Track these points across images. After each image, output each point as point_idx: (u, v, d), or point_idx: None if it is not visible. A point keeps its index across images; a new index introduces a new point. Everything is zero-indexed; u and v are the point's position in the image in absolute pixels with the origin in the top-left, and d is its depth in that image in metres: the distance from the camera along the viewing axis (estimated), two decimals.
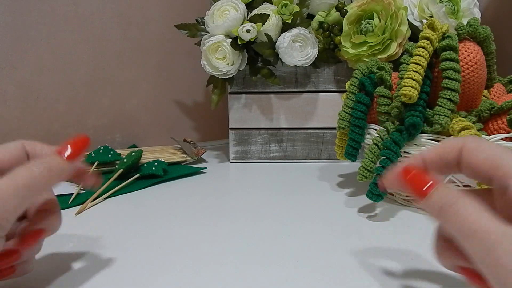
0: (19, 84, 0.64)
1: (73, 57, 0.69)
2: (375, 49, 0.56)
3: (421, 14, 0.57)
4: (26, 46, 0.64)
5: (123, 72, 0.76)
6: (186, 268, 0.33)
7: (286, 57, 0.60)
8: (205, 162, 0.71)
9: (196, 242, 0.38)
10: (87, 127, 0.73)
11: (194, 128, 0.88)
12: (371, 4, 0.56)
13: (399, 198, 0.48)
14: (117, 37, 0.74)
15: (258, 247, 0.37)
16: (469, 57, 0.43)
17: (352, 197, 0.50)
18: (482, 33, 0.45)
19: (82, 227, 0.42)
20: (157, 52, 0.80)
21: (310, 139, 0.68)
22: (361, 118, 0.47)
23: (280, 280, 0.31)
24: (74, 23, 0.69)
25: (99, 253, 0.36)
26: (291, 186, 0.55)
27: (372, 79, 0.48)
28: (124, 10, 0.74)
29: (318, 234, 0.39)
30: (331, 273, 0.32)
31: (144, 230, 0.41)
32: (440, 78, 0.43)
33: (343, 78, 0.65)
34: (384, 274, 0.32)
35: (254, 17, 0.60)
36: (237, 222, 0.43)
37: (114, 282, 0.31)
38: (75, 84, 0.70)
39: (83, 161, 0.59)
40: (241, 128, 0.69)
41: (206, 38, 0.62)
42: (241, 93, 0.68)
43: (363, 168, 0.43)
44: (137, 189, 0.54)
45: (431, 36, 0.43)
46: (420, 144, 0.42)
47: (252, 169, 0.65)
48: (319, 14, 0.64)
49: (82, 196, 0.50)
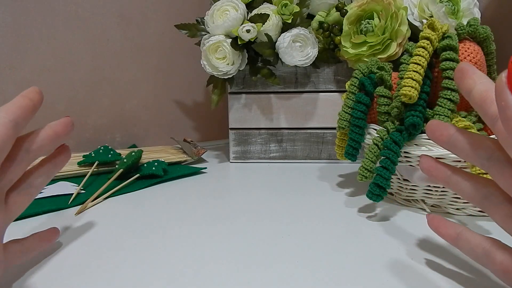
0: (19, 84, 0.64)
1: (73, 57, 0.69)
2: (375, 49, 0.56)
3: (421, 14, 0.57)
4: (26, 46, 0.64)
5: (123, 72, 0.76)
6: (186, 268, 0.33)
7: (286, 57, 0.60)
8: (205, 162, 0.71)
9: (196, 242, 0.38)
10: (87, 127, 0.73)
11: (194, 128, 0.88)
12: (371, 4, 0.56)
13: (399, 198, 0.48)
14: (117, 37, 0.74)
15: (258, 247, 0.37)
16: (469, 57, 0.43)
17: (352, 197, 0.50)
18: (482, 33, 0.45)
19: (82, 227, 0.42)
20: (157, 52, 0.80)
21: (310, 139, 0.68)
22: (361, 118, 0.47)
23: (280, 280, 0.31)
24: (74, 23, 0.69)
25: (99, 253, 0.36)
26: (291, 186, 0.55)
27: (372, 79, 0.48)
28: (124, 10, 0.74)
29: (318, 234, 0.39)
30: (331, 273, 0.32)
31: (144, 230, 0.41)
32: (440, 78, 0.43)
33: (343, 78, 0.65)
34: (384, 274, 0.32)
35: (254, 17, 0.60)
36: (237, 222, 0.43)
37: (114, 282, 0.31)
38: (75, 84, 0.70)
39: (81, 160, 0.59)
40: (241, 128, 0.69)
41: (206, 38, 0.62)
42: (241, 93, 0.68)
43: (363, 168, 0.43)
44: (137, 189, 0.54)
45: (431, 36, 0.43)
46: (420, 144, 0.42)
47: (252, 169, 0.65)
48: (319, 14, 0.64)
49: (82, 196, 0.50)
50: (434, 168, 0.29)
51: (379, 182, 0.41)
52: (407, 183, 0.46)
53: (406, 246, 0.36)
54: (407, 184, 0.46)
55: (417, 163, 0.43)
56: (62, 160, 0.33)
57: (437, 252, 0.35)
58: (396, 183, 0.47)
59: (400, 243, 0.37)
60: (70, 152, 0.34)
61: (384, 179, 0.41)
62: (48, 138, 0.30)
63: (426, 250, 0.36)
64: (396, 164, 0.42)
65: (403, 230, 0.40)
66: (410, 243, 0.37)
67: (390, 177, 0.42)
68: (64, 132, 0.31)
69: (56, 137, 0.31)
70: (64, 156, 0.34)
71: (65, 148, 0.34)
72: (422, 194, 0.45)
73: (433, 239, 0.38)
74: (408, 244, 0.37)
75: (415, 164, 0.43)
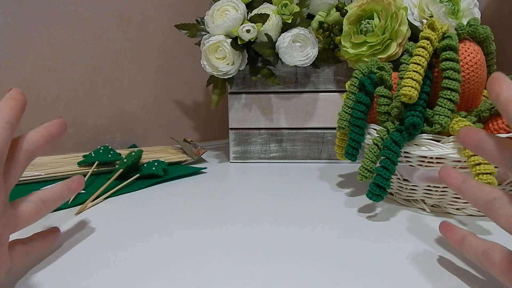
0: (19, 84, 0.64)
1: (73, 57, 0.69)
2: (375, 49, 0.56)
3: (421, 14, 0.57)
4: (26, 46, 0.64)
5: (123, 72, 0.76)
6: (186, 268, 0.33)
7: (286, 57, 0.60)
8: (205, 162, 0.71)
9: (196, 242, 0.38)
10: (87, 127, 0.73)
11: (194, 128, 0.88)
12: (371, 4, 0.56)
13: (399, 198, 0.48)
14: (117, 37, 0.74)
15: (258, 247, 0.37)
16: (469, 57, 0.43)
17: (352, 197, 0.50)
18: (482, 33, 0.45)
19: (82, 227, 0.42)
20: (157, 52, 0.80)
21: (310, 139, 0.68)
22: (361, 118, 0.47)
23: (280, 280, 0.31)
24: (74, 23, 0.69)
25: (99, 253, 0.36)
26: (291, 186, 0.55)
27: (372, 79, 0.48)
28: (124, 10, 0.74)
29: (318, 234, 0.39)
30: (331, 273, 0.32)
31: (144, 230, 0.41)
32: (440, 78, 0.43)
33: (343, 78, 0.65)
34: (384, 274, 0.32)
35: (254, 17, 0.60)
36: (237, 222, 0.43)
37: (114, 282, 0.31)
38: (75, 84, 0.70)
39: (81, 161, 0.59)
40: (241, 128, 0.69)
41: (206, 38, 0.62)
42: (241, 93, 0.68)
43: (363, 168, 0.43)
44: (137, 189, 0.54)
45: (431, 36, 0.43)
46: (420, 144, 0.42)
47: (252, 169, 0.65)
48: (319, 14, 0.64)
49: (82, 196, 0.50)
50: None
51: (379, 182, 0.41)
52: (407, 183, 0.46)
53: (406, 246, 0.36)
54: (407, 184, 0.46)
55: (417, 163, 0.43)
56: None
57: (437, 252, 0.35)
58: (396, 183, 0.47)
59: (400, 243, 0.37)
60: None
61: (384, 179, 0.41)
62: (44, 139, 0.31)
63: (426, 250, 0.36)
64: (396, 164, 0.42)
65: (403, 230, 0.40)
66: (410, 243, 0.37)
67: (390, 177, 0.42)
68: (58, 132, 0.32)
69: (50, 138, 0.32)
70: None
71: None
72: (422, 194, 0.45)
73: (433, 239, 0.38)
74: (408, 244, 0.37)
75: (415, 164, 0.43)
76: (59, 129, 0.33)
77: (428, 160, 0.42)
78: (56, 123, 0.33)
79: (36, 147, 0.30)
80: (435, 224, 0.41)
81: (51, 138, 0.32)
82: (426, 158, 0.42)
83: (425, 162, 0.42)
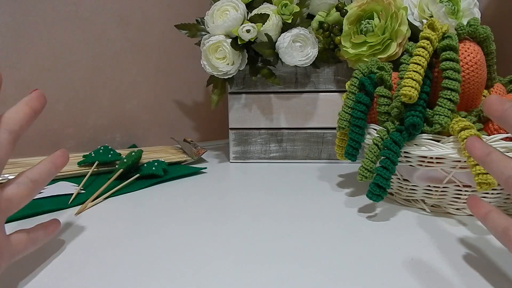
0: (19, 84, 0.64)
1: (73, 57, 0.69)
2: (375, 49, 0.56)
3: (421, 14, 0.57)
4: (26, 46, 0.64)
5: (123, 72, 0.76)
6: (186, 268, 0.33)
7: (286, 57, 0.60)
8: (205, 162, 0.71)
9: (196, 242, 0.38)
10: (87, 127, 0.73)
11: (194, 128, 0.88)
12: (371, 4, 0.56)
13: (399, 198, 0.48)
14: (117, 37, 0.74)
15: (258, 247, 0.37)
16: (469, 57, 0.43)
17: (352, 197, 0.50)
18: (482, 33, 0.45)
19: (82, 227, 0.42)
20: (157, 52, 0.80)
21: (310, 139, 0.68)
22: (361, 118, 0.47)
23: (280, 280, 0.31)
24: (74, 23, 0.69)
25: (99, 253, 0.36)
26: (291, 186, 0.55)
27: (372, 79, 0.48)
28: (124, 10, 0.74)
29: (318, 234, 0.39)
30: (331, 273, 0.32)
31: (144, 230, 0.41)
32: (440, 78, 0.43)
33: (343, 78, 0.65)
34: (384, 274, 0.32)
35: (254, 17, 0.60)
36: (237, 222, 0.43)
37: (114, 282, 0.31)
38: (75, 84, 0.70)
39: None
40: (241, 128, 0.69)
41: (206, 38, 0.62)
42: (241, 93, 0.68)
43: (363, 168, 0.43)
44: (137, 189, 0.54)
45: (431, 36, 0.43)
46: (420, 144, 0.42)
47: (252, 169, 0.65)
48: (319, 14, 0.64)
49: (82, 196, 0.50)
50: None
51: (379, 182, 0.41)
52: (407, 183, 0.46)
53: (406, 246, 0.36)
54: (407, 184, 0.46)
55: (417, 163, 0.43)
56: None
57: (437, 252, 0.35)
58: (396, 183, 0.47)
59: (400, 243, 0.37)
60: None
61: (384, 179, 0.41)
62: (28, 116, 0.30)
63: (426, 250, 0.36)
64: (396, 164, 0.42)
65: (403, 230, 0.40)
66: (410, 243, 0.37)
67: (390, 177, 0.42)
68: (41, 105, 0.31)
69: (34, 114, 0.31)
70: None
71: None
72: (422, 194, 0.45)
73: (433, 239, 0.38)
74: (408, 244, 0.37)
75: (415, 164, 0.43)
76: (41, 102, 0.31)
77: (428, 160, 0.42)
78: (36, 97, 0.31)
79: (20, 126, 0.29)
80: (435, 224, 0.41)
81: (35, 114, 0.31)
82: (426, 158, 0.42)
83: (425, 162, 0.42)
